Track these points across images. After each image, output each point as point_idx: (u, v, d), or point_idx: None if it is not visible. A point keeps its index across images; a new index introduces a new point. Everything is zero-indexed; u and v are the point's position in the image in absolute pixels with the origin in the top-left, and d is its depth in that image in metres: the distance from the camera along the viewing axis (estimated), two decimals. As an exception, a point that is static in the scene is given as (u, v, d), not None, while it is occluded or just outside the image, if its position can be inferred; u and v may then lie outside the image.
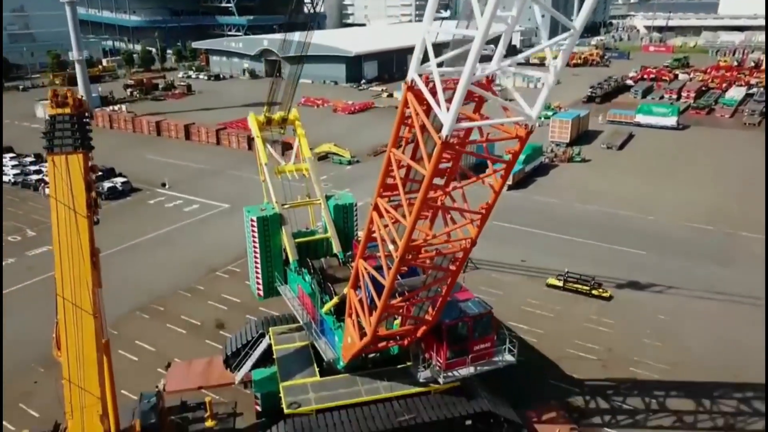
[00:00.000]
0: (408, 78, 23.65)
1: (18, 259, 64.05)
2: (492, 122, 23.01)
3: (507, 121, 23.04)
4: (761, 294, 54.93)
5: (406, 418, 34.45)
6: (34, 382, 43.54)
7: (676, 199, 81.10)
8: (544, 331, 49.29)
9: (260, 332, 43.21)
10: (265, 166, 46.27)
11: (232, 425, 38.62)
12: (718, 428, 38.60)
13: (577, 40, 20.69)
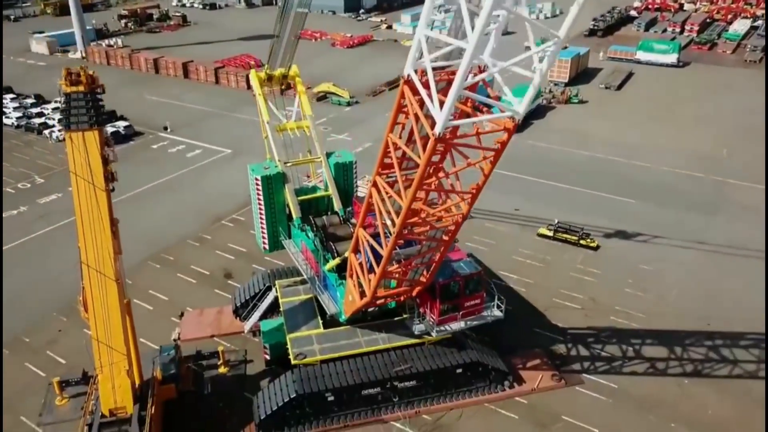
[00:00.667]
0: (404, 72, 25.25)
1: (30, 207, 66.36)
2: (482, 119, 24.84)
3: (496, 117, 24.85)
4: (741, 244, 57.89)
5: (402, 368, 37.99)
6: (58, 331, 46.86)
7: (668, 145, 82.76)
8: (533, 281, 52.42)
9: (267, 285, 46.31)
10: (267, 124, 47.12)
11: (244, 371, 42.22)
12: (686, 374, 42.30)
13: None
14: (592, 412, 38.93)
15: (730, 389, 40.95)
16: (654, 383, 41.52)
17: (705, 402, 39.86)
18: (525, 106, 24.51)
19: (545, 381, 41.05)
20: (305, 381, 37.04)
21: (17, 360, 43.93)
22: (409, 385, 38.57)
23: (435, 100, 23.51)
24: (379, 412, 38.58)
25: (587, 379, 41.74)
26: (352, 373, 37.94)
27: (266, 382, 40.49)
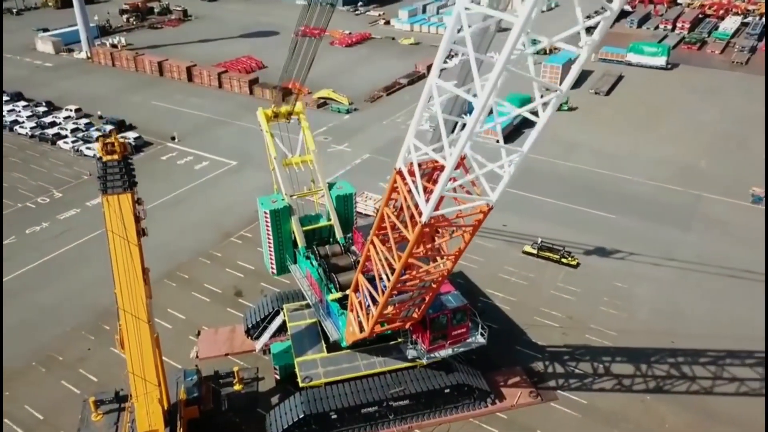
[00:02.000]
0: (396, 166, 29.95)
1: (51, 224, 71.08)
2: (462, 207, 29.63)
3: (473, 206, 29.64)
4: (709, 260, 62.93)
5: (397, 390, 43.25)
6: (87, 349, 52.03)
7: (651, 156, 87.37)
8: (516, 299, 57.57)
9: (275, 309, 51.40)
10: (274, 159, 51.46)
11: (256, 389, 47.50)
12: (649, 390, 47.66)
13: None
14: (564, 427, 44.34)
15: (688, 404, 46.29)
16: (620, 399, 46.88)
17: (664, 416, 45.26)
18: (498, 194, 29.26)
19: (523, 397, 46.39)
20: (312, 402, 42.31)
21: (53, 377, 49.20)
22: (403, 403, 43.87)
23: (421, 195, 28.26)
24: (377, 427, 43.95)
25: (561, 395, 47.09)
26: (353, 395, 43.18)
27: (276, 399, 45.85)
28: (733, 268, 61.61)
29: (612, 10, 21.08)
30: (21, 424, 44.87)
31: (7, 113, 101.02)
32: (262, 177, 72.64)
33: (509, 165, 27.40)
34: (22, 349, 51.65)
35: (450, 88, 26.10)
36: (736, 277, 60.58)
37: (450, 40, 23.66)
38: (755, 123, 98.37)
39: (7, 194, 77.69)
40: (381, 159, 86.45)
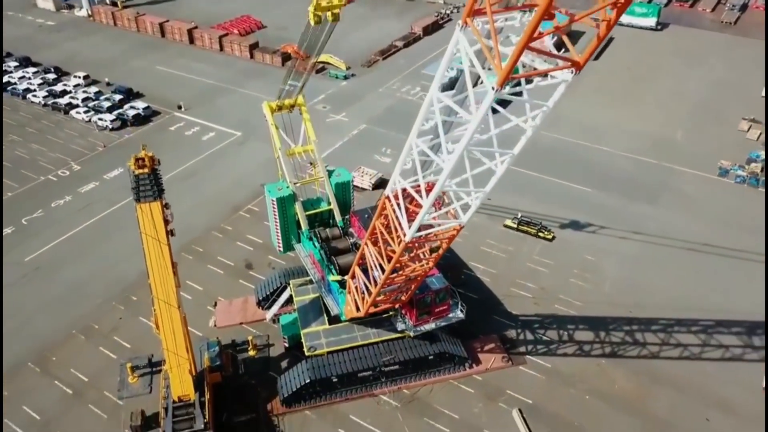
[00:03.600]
0: (385, 192, 36.28)
1: (74, 198, 77.40)
2: (437, 230, 36.14)
3: (448, 227, 36.14)
4: (672, 234, 69.76)
5: (388, 358, 51.01)
6: (119, 319, 59.56)
7: (631, 127, 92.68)
8: (496, 270, 64.79)
9: (282, 285, 58.60)
10: (279, 150, 57.19)
11: (268, 354, 55.36)
12: (605, 355, 55.52)
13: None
14: (530, 388, 52.36)
15: (636, 367, 54.23)
16: (579, 363, 54.79)
17: (615, 378, 53.27)
18: (468, 217, 35.74)
19: (497, 362, 54.29)
20: (316, 369, 50.12)
21: (92, 344, 56.94)
22: (393, 368, 51.74)
23: (404, 219, 34.75)
24: (371, 388, 51.94)
25: (529, 360, 54.99)
26: (351, 362, 50.97)
27: (286, 364, 53.75)
28: (693, 242, 68.52)
29: (548, 107, 26.83)
30: (70, 386, 52.84)
31: (19, 80, 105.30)
32: (265, 149, 77.87)
33: (476, 198, 33.67)
34: (62, 321, 59.14)
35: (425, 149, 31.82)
36: (694, 250, 67.58)
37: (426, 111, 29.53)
38: (734, 91, 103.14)
39: (30, 166, 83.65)
40: (377, 130, 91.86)
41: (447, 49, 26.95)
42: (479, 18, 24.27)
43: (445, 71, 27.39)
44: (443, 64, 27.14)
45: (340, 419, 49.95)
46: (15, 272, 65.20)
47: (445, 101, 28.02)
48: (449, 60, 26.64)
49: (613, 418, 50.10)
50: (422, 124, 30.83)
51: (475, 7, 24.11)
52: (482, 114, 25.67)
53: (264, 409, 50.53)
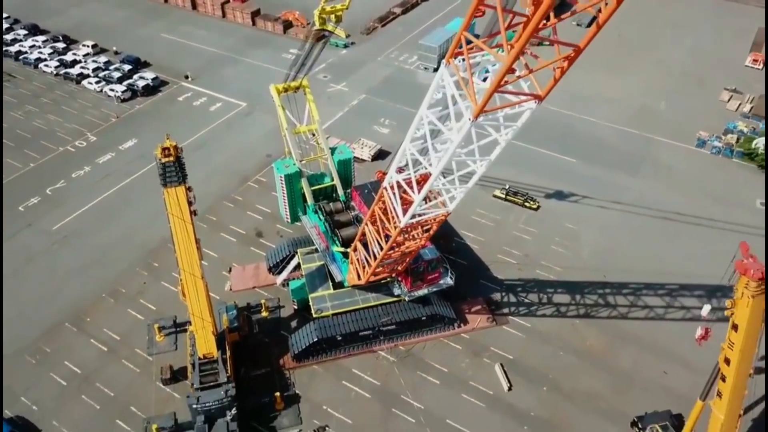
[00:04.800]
0: (383, 184, 41.98)
1: (92, 168, 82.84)
2: (427, 216, 41.98)
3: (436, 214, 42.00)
4: (648, 204, 75.58)
5: (386, 319, 57.72)
6: (143, 283, 66.03)
7: (616, 96, 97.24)
8: (484, 238, 70.97)
9: (291, 253, 64.82)
10: (286, 130, 62.46)
11: (279, 315, 62.08)
12: (579, 315, 62.26)
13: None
14: (511, 345, 59.27)
15: (606, 327, 61.05)
16: (556, 323, 61.57)
17: (586, 336, 60.16)
18: (454, 206, 41.57)
19: (482, 322, 61.06)
20: (323, 329, 56.86)
21: (121, 306, 63.55)
22: (391, 328, 58.51)
23: (399, 209, 40.60)
24: (371, 345, 58.82)
25: (512, 320, 61.76)
26: (354, 322, 57.67)
27: (295, 324, 60.52)
28: (667, 211, 74.47)
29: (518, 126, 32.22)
30: (104, 343, 59.74)
31: (29, 49, 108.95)
32: (270, 120, 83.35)
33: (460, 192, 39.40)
34: (92, 285, 65.58)
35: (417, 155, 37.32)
36: (667, 219, 73.60)
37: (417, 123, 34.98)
38: (718, 60, 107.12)
39: (48, 137, 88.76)
40: (376, 100, 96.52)
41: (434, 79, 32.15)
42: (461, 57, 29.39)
43: (432, 95, 32.67)
44: (430, 91, 32.46)
45: (343, 373, 57.01)
46: (45, 240, 71.34)
47: (432, 119, 33.41)
48: (435, 87, 31.91)
49: (582, 371, 57.17)
50: (415, 132, 36.24)
51: (456, 50, 29.22)
52: (461, 137, 31.13)
53: (277, 364, 57.54)
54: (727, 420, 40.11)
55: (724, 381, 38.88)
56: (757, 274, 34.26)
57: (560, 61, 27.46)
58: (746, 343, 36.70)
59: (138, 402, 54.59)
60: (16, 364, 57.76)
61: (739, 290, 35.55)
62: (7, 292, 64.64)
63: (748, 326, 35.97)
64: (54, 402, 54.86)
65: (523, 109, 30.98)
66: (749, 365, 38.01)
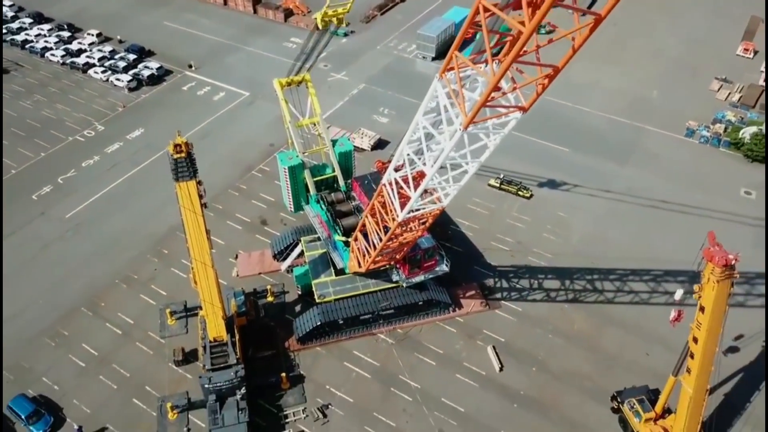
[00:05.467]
0: (383, 181, 45.05)
1: (101, 158, 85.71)
2: (423, 211, 45.07)
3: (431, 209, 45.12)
4: (636, 192, 78.68)
5: (385, 304, 61.20)
6: (154, 270, 69.35)
7: (609, 85, 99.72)
8: (479, 226, 74.19)
9: (295, 240, 68.07)
10: (290, 123, 65.13)
11: (284, 300, 65.53)
12: (568, 300, 65.74)
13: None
14: (503, 328, 62.85)
15: (593, 311, 64.54)
16: (546, 307, 65.06)
17: (574, 320, 63.69)
18: (448, 201, 44.68)
19: (476, 307, 64.56)
20: (326, 313, 60.35)
21: (134, 292, 67.00)
22: (389, 312, 62.01)
23: (397, 204, 43.72)
24: (370, 328, 62.37)
25: (504, 305, 65.24)
26: (355, 307, 61.15)
27: (299, 308, 64.01)
28: (654, 199, 77.61)
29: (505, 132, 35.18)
30: (119, 327, 63.27)
31: (35, 38, 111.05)
32: (272, 109, 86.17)
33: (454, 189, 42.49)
34: (106, 270, 68.98)
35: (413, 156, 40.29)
36: (654, 207, 76.76)
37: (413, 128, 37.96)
38: (711, 48, 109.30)
39: (57, 127, 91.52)
40: (375, 89, 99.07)
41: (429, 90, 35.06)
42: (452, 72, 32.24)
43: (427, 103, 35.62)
44: (426, 99, 35.42)
45: (345, 354, 60.63)
46: (60, 228, 74.56)
47: (427, 126, 36.38)
48: (430, 97, 34.87)
49: (570, 352, 60.80)
50: (411, 135, 39.21)
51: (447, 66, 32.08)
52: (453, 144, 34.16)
53: (282, 346, 61.13)
54: (695, 394, 43.84)
55: (693, 358, 42.53)
56: (722, 261, 37.61)
57: (541, 79, 30.31)
58: (712, 324, 40.26)
59: (152, 382, 58.28)
60: (37, 347, 61.36)
61: (706, 275, 39.04)
62: (25, 278, 68.08)
63: (713, 308, 39.53)
64: (73, 382, 58.55)
65: (509, 119, 33.91)
66: (715, 344, 41.61)
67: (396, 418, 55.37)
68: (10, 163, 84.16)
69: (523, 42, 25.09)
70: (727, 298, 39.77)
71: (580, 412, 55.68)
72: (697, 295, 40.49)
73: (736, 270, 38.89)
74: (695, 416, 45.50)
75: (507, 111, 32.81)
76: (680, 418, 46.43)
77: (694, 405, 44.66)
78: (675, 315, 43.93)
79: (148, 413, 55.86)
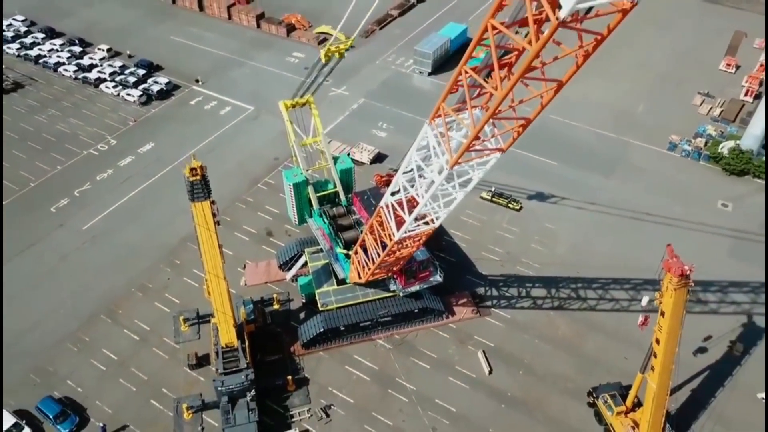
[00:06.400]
0: (380, 204, 49.86)
1: (115, 171, 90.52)
2: (417, 231, 49.94)
3: (425, 230, 49.99)
4: (620, 204, 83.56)
5: (383, 312, 66.12)
6: (167, 279, 74.21)
7: (597, 99, 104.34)
8: (471, 237, 79.09)
9: (299, 252, 72.94)
10: (294, 142, 69.81)
11: (289, 308, 70.45)
12: (553, 308, 70.65)
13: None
14: (492, 334, 67.77)
15: (577, 317, 69.49)
16: (532, 314, 69.98)
17: (559, 326, 68.62)
18: (440, 222, 49.53)
19: (467, 314, 69.48)
20: (328, 320, 65.25)
21: (149, 300, 71.87)
22: (387, 319, 66.94)
23: (394, 226, 48.58)
24: (369, 334, 67.30)
25: (494, 312, 70.16)
26: (355, 315, 66.04)
27: (303, 315, 68.91)
28: (636, 211, 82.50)
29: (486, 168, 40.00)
30: (136, 333, 68.18)
31: (48, 53, 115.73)
32: (276, 123, 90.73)
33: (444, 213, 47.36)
34: (122, 280, 73.86)
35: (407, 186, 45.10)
36: (636, 218, 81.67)
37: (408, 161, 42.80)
38: (695, 62, 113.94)
39: (72, 141, 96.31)
40: (374, 104, 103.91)
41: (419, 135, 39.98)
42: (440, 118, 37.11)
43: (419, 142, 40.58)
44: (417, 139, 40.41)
45: (346, 358, 65.57)
46: (77, 239, 79.41)
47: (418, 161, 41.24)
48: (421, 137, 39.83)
49: (555, 356, 65.75)
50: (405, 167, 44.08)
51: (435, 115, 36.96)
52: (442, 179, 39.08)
53: (288, 350, 66.06)
54: (658, 389, 49.17)
55: (656, 357, 47.70)
56: (678, 271, 42.57)
57: (517, 128, 35.18)
58: (671, 327, 45.45)
59: (168, 384, 63.20)
60: (61, 351, 66.27)
61: (665, 284, 44.05)
62: (47, 287, 72.96)
63: (672, 313, 44.68)
64: (95, 384, 63.47)
65: (490, 158, 38.78)
66: (675, 345, 46.73)
67: (393, 417, 60.33)
68: (28, 176, 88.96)
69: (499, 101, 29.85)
70: (685, 304, 44.79)
71: (561, 411, 60.68)
72: (658, 302, 45.57)
73: (691, 279, 43.82)
74: (659, 409, 50.73)
75: (489, 153, 37.69)
76: (646, 411, 51.66)
77: (657, 399, 49.89)
78: (642, 320, 49.03)
79: (165, 413, 60.78)
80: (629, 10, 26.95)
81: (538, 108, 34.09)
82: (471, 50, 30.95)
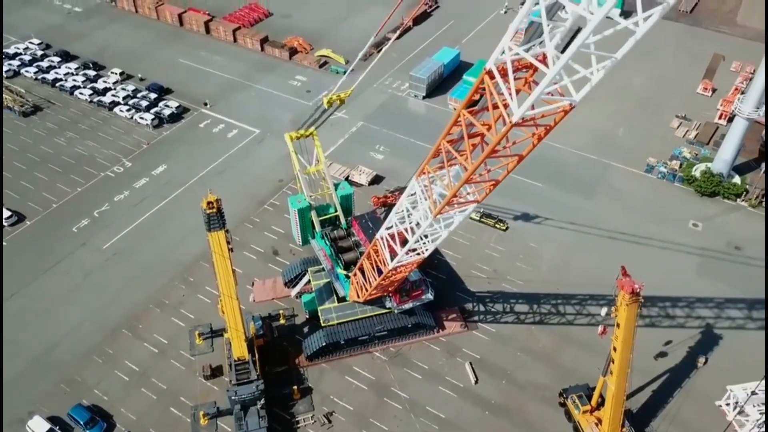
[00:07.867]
0: (376, 237, 56.81)
1: (131, 193, 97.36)
2: (407, 261, 56.89)
3: (414, 259, 56.98)
4: (599, 224, 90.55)
5: (379, 328, 73.08)
6: (182, 295, 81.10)
7: (581, 122, 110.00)
8: (461, 256, 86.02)
9: (303, 271, 79.85)
10: (299, 171, 76.70)
11: (294, 322, 77.39)
12: (535, 322, 77.59)
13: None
14: (479, 346, 74.71)
15: (556, 331, 76.43)
16: (516, 328, 76.90)
17: (539, 339, 75.55)
18: (429, 253, 56.45)
19: (456, 328, 76.43)
20: (330, 335, 72.19)
21: (166, 315, 78.75)
22: (383, 334, 73.89)
23: (388, 256, 55.53)
24: (367, 347, 74.25)
25: (480, 327, 77.10)
26: (354, 329, 72.98)
27: (307, 330, 75.84)
28: (613, 231, 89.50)
29: (455, 222, 46.92)
30: (155, 346, 75.07)
31: (64, 76, 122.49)
32: (281, 147, 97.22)
33: (432, 244, 54.30)
34: (141, 296, 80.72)
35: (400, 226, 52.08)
36: (612, 238, 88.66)
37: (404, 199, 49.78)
38: (674, 86, 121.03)
39: (90, 163, 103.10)
40: (372, 127, 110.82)
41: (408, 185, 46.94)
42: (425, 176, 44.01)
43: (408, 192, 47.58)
44: (407, 190, 47.39)
45: (346, 369, 72.52)
46: (99, 257, 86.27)
47: (408, 207, 48.15)
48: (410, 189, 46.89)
49: (535, 367, 72.73)
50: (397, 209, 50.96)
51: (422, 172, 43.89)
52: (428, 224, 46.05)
53: (293, 362, 73.01)
54: (617, 390, 56.53)
55: (613, 363, 54.81)
56: (629, 288, 49.61)
57: (489, 186, 42.15)
58: (625, 336, 52.70)
59: (186, 393, 70.10)
60: (87, 363, 73.13)
61: (619, 299, 51.11)
62: (73, 303, 79.84)
63: (626, 325, 51.88)
64: (120, 393, 70.35)
65: (468, 207, 45.69)
66: (629, 351, 53.98)
67: (388, 423, 67.30)
68: (51, 198, 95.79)
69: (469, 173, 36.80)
70: (636, 317, 51.91)
71: (539, 417, 67.70)
72: (614, 315, 52.67)
73: (641, 296, 50.83)
74: (618, 407, 58.15)
75: (465, 204, 44.66)
76: (607, 409, 58.92)
77: (616, 398, 57.24)
78: (601, 329, 56.22)
79: (183, 420, 67.71)
80: (569, 110, 33.41)
81: (504, 172, 40.91)
82: (449, 129, 37.86)
